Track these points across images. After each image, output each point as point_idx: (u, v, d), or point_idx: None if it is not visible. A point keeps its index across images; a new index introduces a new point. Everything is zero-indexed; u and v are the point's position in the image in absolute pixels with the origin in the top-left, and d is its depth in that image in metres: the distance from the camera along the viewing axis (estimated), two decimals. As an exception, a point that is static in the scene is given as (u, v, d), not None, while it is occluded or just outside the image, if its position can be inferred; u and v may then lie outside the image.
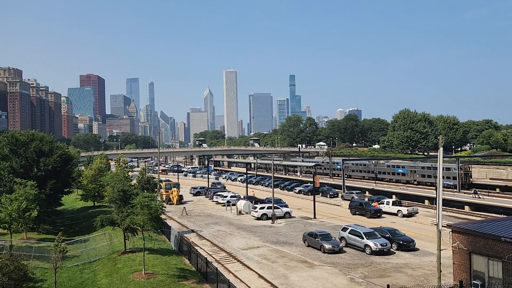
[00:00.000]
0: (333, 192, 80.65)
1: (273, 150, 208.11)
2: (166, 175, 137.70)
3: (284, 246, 40.38)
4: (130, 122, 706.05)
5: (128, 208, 33.40)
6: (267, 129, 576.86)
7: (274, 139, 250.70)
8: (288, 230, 48.17)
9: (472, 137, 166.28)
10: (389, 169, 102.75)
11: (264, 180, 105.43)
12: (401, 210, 57.77)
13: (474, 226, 25.81)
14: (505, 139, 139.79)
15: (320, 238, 38.30)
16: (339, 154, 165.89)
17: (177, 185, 79.20)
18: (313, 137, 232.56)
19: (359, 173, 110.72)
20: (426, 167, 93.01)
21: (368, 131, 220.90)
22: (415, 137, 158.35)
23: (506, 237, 22.75)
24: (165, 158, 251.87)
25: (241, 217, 58.28)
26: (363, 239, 37.48)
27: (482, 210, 61.02)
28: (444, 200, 56.76)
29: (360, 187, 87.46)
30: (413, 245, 38.20)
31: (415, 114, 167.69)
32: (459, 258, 25.55)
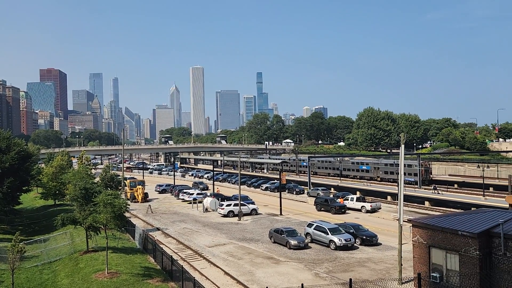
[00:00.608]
0: (299, 188, 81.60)
1: (240, 147, 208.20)
2: (131, 173, 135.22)
3: (251, 243, 40.50)
4: (93, 118, 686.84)
5: (91, 207, 32.56)
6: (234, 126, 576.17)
7: (241, 136, 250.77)
8: (254, 227, 48.34)
9: (432, 135, 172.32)
10: (354, 166, 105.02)
11: (231, 177, 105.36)
12: (364, 206, 59.19)
13: (433, 220, 26.72)
14: (462, 137, 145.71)
15: (286, 235, 38.66)
16: (306, 151, 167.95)
17: (142, 182, 77.91)
18: (280, 134, 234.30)
19: (324, 170, 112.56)
20: (389, 164, 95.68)
21: (333, 128, 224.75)
22: (379, 135, 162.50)
23: (463, 231, 23.68)
24: (130, 155, 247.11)
25: (207, 214, 57.99)
26: (328, 234, 38.14)
27: (441, 205, 63.42)
28: (406, 196, 58.65)
29: (325, 183, 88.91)
30: (376, 240, 39.22)
31: (379, 112, 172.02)
32: (419, 252, 26.40)
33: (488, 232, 23.22)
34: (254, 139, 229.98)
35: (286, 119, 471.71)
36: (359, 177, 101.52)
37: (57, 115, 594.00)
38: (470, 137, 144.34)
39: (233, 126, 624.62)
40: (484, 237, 23.16)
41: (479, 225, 24.00)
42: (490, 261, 23.10)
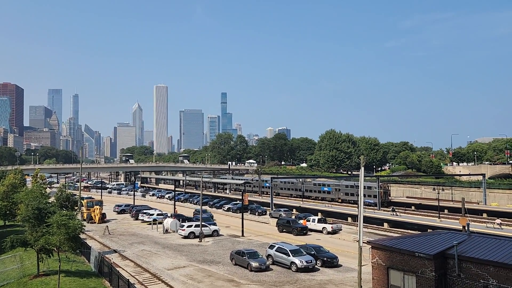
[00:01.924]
0: (262, 209, 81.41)
1: (203, 167, 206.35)
2: (88, 192, 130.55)
3: (211, 265, 39.73)
4: (51, 135, 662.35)
5: (44, 228, 31.02)
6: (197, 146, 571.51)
7: (204, 156, 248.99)
8: (215, 249, 47.54)
9: (391, 158, 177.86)
10: (316, 187, 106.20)
11: (192, 198, 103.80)
12: (326, 227, 59.66)
13: (391, 242, 27.24)
14: (419, 160, 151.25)
15: (248, 256, 38.22)
16: (268, 172, 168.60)
17: (100, 202, 75.25)
18: (244, 154, 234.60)
19: (287, 190, 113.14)
20: (350, 185, 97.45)
21: (296, 150, 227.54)
22: (340, 157, 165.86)
23: (419, 252, 24.26)
24: (88, 174, 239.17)
25: (167, 235, 56.57)
26: (289, 256, 38.03)
27: (399, 227, 64.96)
28: (365, 218, 59.69)
29: (288, 204, 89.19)
30: (336, 262, 39.46)
31: (340, 135, 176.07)
32: (378, 273, 26.76)
33: (443, 253, 23.91)
34: (217, 159, 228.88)
35: (249, 140, 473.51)
36: (321, 198, 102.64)
37: (11, 131, 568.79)
38: (426, 160, 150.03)
39: (196, 145, 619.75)
40: (440, 259, 23.81)
41: (435, 247, 24.68)
42: (445, 282, 23.72)
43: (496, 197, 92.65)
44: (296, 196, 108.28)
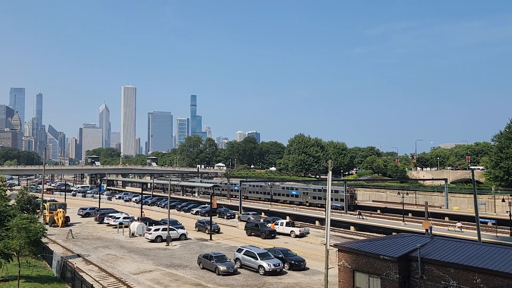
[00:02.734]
0: (230, 213, 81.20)
1: (171, 170, 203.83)
2: (52, 195, 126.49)
3: (178, 269, 39.22)
4: (12, 135, 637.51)
5: (3, 231, 29.78)
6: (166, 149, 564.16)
7: (173, 158, 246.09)
8: (183, 253, 47.00)
9: (358, 162, 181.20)
10: (284, 191, 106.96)
11: (160, 201, 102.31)
12: (294, 231, 60.13)
13: (357, 245, 27.74)
14: (385, 165, 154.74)
15: (215, 260, 37.99)
16: (238, 175, 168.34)
17: (64, 205, 72.97)
18: (213, 158, 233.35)
19: (256, 194, 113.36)
20: (317, 189, 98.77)
21: (265, 153, 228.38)
22: (309, 161, 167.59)
23: (384, 255, 24.81)
24: (51, 176, 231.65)
25: (134, 239, 55.47)
26: (257, 260, 38.07)
27: (365, 230, 66.27)
28: (332, 221, 60.63)
29: (256, 208, 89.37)
30: (304, 265, 39.80)
31: (309, 139, 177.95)
32: (344, 276, 27.16)
33: (407, 256, 24.54)
34: (186, 162, 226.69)
35: (219, 143, 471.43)
36: (289, 201, 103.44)
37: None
38: (392, 165, 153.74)
39: (165, 148, 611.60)
40: (404, 261, 24.43)
41: (399, 250, 25.30)
42: (408, 284, 24.34)
43: (457, 201, 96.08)
44: (264, 200, 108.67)
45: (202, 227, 63.57)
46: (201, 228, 63.78)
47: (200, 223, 64.89)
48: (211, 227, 58.13)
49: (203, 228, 63.09)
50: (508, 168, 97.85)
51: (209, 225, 59.50)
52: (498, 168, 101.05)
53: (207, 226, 61.42)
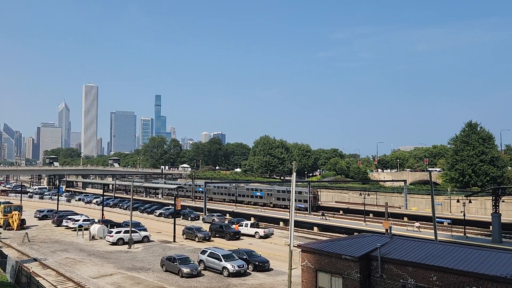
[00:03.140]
0: (195, 214, 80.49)
1: (134, 171, 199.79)
2: (6, 197, 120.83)
3: (141, 272, 38.44)
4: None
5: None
6: (129, 149, 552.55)
7: (136, 159, 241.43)
8: (145, 255, 46.12)
9: (321, 164, 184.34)
10: (248, 192, 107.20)
11: (122, 203, 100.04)
12: (258, 232, 60.33)
13: (320, 245, 28.15)
14: (347, 166, 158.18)
15: (179, 262, 37.52)
16: (202, 176, 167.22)
17: (19, 207, 69.89)
18: (177, 159, 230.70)
19: (220, 195, 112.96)
20: (281, 190, 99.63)
21: (231, 154, 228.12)
22: (274, 162, 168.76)
23: (346, 254, 25.32)
24: (6, 177, 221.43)
25: (94, 242, 53.90)
26: (221, 261, 37.91)
27: (328, 230, 67.39)
28: (296, 222, 61.29)
29: (221, 209, 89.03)
30: (268, 266, 39.99)
31: (274, 140, 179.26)
32: (307, 276, 27.49)
33: (367, 255, 25.14)
34: (150, 163, 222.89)
35: (184, 144, 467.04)
36: (253, 203, 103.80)
37: None
38: (354, 167, 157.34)
39: (128, 148, 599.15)
40: (364, 260, 25.01)
41: (360, 249, 25.88)
42: (369, 282, 24.93)
43: (415, 202, 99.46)
44: (229, 201, 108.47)
45: (190, 235, 57.37)
46: (189, 236, 57.41)
47: (189, 230, 58.41)
48: (174, 230, 57.27)
49: (192, 236, 56.91)
50: (463, 170, 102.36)
51: (199, 232, 56.58)
52: (454, 170, 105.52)
53: (197, 233, 56.57)
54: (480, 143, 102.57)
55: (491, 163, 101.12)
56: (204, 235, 55.93)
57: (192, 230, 57.99)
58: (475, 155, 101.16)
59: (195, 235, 56.66)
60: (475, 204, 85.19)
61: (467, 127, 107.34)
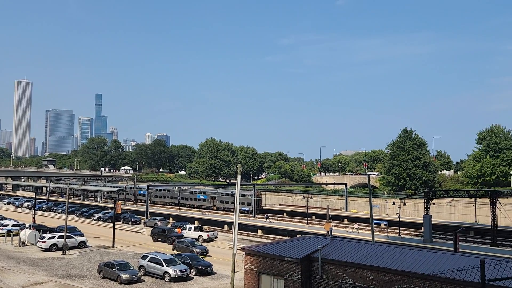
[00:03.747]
0: (136, 218, 78.12)
1: (71, 173, 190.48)
2: None
3: (76, 279, 36.51)
4: None
5: None
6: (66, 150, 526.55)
7: (74, 161, 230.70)
8: (81, 262, 43.92)
9: (267, 167, 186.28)
10: (192, 195, 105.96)
11: (57, 207, 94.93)
12: (202, 235, 59.70)
13: (263, 248, 28.26)
14: (292, 170, 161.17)
15: (118, 268, 36.07)
16: (145, 179, 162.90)
17: None
18: (119, 160, 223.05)
19: (163, 198, 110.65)
20: (225, 193, 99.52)
21: (175, 157, 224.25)
22: (219, 165, 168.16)
23: (288, 256, 25.60)
24: None
25: (24, 249, 50.50)
26: (163, 266, 36.96)
27: (272, 233, 68.08)
28: (241, 225, 61.22)
29: (164, 213, 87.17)
30: (211, 269, 39.59)
31: (220, 143, 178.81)
32: (249, 279, 27.47)
33: (309, 257, 25.58)
34: (89, 165, 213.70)
35: (126, 145, 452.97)
36: (196, 206, 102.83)
37: None
38: (298, 170, 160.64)
39: (64, 149, 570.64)
40: (306, 262, 25.42)
41: (302, 251, 26.28)
42: (310, 283, 25.37)
43: (355, 205, 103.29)
44: (172, 204, 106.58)
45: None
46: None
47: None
48: (114, 234, 55.04)
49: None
50: (398, 174, 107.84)
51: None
52: (390, 174, 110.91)
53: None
54: (414, 149, 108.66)
55: (423, 167, 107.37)
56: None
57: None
58: (409, 160, 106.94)
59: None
60: (409, 207, 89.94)
61: (403, 133, 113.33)
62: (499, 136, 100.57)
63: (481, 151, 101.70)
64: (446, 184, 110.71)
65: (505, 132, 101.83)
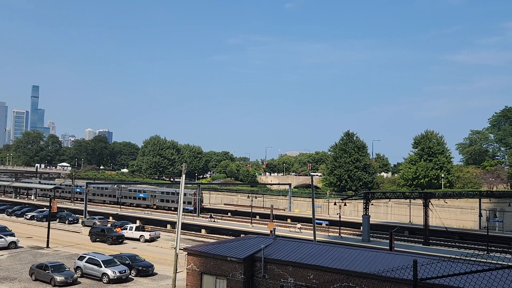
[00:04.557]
0: (73, 217, 74.62)
1: (2, 168, 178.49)
2: None
3: (4, 282, 34.19)
4: None
5: None
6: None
7: (6, 156, 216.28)
8: (11, 263, 41.20)
9: (212, 166, 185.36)
10: (131, 193, 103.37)
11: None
12: (143, 235, 58.21)
13: (206, 248, 28.04)
14: (237, 169, 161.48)
15: (52, 270, 34.26)
16: (85, 176, 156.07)
17: None
18: (56, 157, 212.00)
19: (103, 197, 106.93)
20: (165, 192, 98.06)
21: (118, 154, 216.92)
22: (163, 163, 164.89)
23: (231, 256, 25.59)
24: None
25: None
26: (101, 267, 35.59)
27: (216, 233, 67.80)
28: (184, 224, 60.49)
29: (105, 212, 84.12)
30: (152, 270, 38.70)
31: (165, 141, 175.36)
32: (192, 279, 27.15)
33: (252, 257, 25.73)
34: (22, 160, 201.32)
35: (64, 141, 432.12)
36: (136, 204, 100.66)
37: None
38: (244, 170, 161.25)
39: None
40: (249, 262, 25.54)
41: (245, 251, 26.38)
42: (252, 283, 25.52)
43: (298, 204, 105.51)
44: (111, 203, 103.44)
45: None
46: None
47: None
48: (48, 234, 52.22)
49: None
50: (340, 175, 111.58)
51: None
52: (333, 175, 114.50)
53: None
54: (356, 151, 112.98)
55: (364, 169, 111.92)
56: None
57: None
58: (351, 162, 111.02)
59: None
60: (349, 207, 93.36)
61: (345, 136, 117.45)
62: (433, 141, 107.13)
63: (416, 155, 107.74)
64: (384, 185, 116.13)
65: (438, 137, 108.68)
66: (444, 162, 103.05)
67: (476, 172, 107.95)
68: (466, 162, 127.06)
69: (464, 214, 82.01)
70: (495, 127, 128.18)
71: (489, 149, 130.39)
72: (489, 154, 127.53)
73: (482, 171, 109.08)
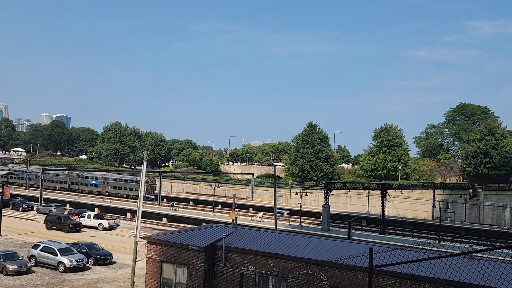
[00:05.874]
0: (28, 205, 72.04)
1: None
2: None
3: (-49, 272, 32.60)
4: None
5: None
6: None
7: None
8: (-40, 252, 39.26)
9: (175, 154, 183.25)
10: (83, 179, 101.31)
11: None
12: (102, 224, 57.06)
13: (167, 236, 27.82)
14: (200, 158, 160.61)
15: (3, 259, 32.96)
16: (40, 162, 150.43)
17: None
18: (9, 141, 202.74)
19: (58, 183, 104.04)
20: (118, 179, 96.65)
21: (76, 140, 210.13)
22: (124, 150, 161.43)
23: (192, 245, 25.51)
24: None
25: None
26: (56, 256, 34.62)
27: (177, 221, 67.40)
28: (145, 213, 59.69)
29: (62, 199, 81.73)
30: (110, 259, 38.05)
31: (126, 128, 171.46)
32: (151, 268, 26.89)
33: (213, 245, 25.77)
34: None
35: (19, 125, 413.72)
36: (87, 191, 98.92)
37: None
38: (207, 159, 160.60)
39: None
40: (210, 250, 25.58)
41: (206, 239, 26.37)
42: (213, 271, 25.61)
43: (261, 194, 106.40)
44: (62, 189, 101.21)
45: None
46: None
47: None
48: (0, 222, 50.07)
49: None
50: (302, 165, 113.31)
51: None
52: (295, 166, 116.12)
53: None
54: (318, 142, 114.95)
55: (325, 160, 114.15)
56: None
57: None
58: (313, 152, 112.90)
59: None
60: (310, 197, 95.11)
61: (308, 127, 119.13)
62: (392, 134, 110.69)
63: (375, 147, 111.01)
64: (344, 176, 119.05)
65: (397, 130, 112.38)
66: (401, 154, 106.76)
67: (431, 165, 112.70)
68: (422, 155, 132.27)
69: (419, 204, 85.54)
70: (450, 122, 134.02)
71: (443, 143, 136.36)
72: (444, 147, 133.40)
73: (436, 164, 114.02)
